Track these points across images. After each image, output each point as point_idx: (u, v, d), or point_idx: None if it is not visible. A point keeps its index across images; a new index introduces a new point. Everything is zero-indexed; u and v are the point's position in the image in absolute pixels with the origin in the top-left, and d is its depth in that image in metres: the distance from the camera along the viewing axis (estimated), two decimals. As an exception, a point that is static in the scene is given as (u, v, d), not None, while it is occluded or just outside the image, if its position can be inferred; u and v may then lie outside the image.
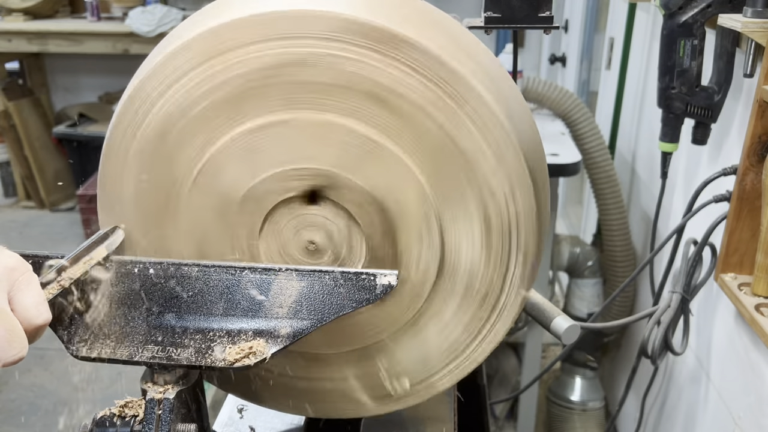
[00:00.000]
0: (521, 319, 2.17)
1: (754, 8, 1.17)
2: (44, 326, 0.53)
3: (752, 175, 1.22)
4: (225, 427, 0.90)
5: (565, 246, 2.32)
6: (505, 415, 2.53)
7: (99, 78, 4.67)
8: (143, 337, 0.63)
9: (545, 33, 1.07)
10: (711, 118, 1.42)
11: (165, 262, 0.65)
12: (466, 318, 0.73)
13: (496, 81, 0.69)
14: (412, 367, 0.76)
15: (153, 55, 0.71)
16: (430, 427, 0.90)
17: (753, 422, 1.25)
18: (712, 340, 1.49)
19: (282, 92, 0.65)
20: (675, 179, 1.79)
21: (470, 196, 0.68)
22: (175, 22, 3.79)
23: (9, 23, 4.01)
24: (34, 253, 0.61)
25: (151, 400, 0.61)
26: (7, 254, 0.53)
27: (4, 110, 4.20)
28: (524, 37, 4.32)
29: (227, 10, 0.67)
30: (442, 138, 0.66)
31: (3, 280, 0.51)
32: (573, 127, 2.25)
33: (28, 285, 0.52)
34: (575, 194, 3.63)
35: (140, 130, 0.68)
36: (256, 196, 0.68)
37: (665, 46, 1.42)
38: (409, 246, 0.70)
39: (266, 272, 0.63)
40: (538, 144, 0.74)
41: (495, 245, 0.70)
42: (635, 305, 2.21)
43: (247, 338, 0.62)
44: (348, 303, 0.62)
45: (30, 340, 0.51)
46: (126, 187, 0.70)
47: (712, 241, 1.40)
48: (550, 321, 0.85)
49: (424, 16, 0.71)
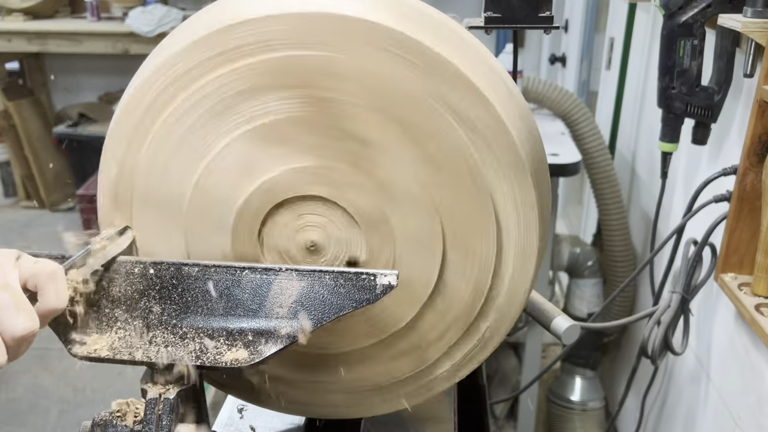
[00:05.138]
0: (521, 319, 2.17)
1: (754, 8, 1.17)
2: (59, 311, 0.56)
3: (752, 175, 1.22)
4: (225, 427, 0.90)
5: (565, 246, 2.32)
6: (505, 415, 2.53)
7: (99, 78, 4.67)
8: (143, 337, 0.63)
9: (545, 33, 1.07)
10: (711, 118, 1.42)
11: (165, 262, 0.65)
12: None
13: (496, 81, 0.70)
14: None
15: (152, 55, 0.71)
16: (430, 427, 0.90)
17: (753, 422, 1.25)
18: (712, 340, 1.49)
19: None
20: (675, 179, 1.79)
21: (471, 196, 0.67)
22: (175, 22, 3.79)
23: (9, 23, 4.01)
24: (35, 253, 0.61)
25: (151, 400, 0.61)
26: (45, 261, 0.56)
27: (4, 110, 4.20)
28: (524, 37, 4.32)
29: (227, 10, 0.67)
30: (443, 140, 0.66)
31: (26, 272, 0.54)
32: (573, 127, 2.26)
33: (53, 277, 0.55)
34: (575, 194, 3.63)
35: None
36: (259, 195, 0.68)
37: (665, 46, 1.42)
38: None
39: (266, 272, 0.63)
40: (539, 144, 0.75)
41: (495, 245, 0.70)
42: (635, 305, 2.21)
43: (247, 338, 0.62)
44: (348, 303, 0.62)
45: (42, 322, 0.54)
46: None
47: (712, 241, 1.40)
48: (550, 321, 0.85)
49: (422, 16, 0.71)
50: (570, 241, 2.35)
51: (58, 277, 0.55)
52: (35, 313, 0.52)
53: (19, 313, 0.50)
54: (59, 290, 0.55)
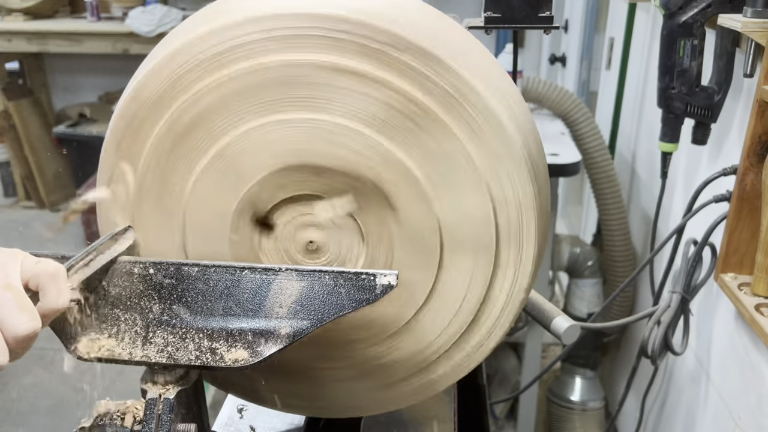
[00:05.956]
0: (521, 319, 2.17)
1: (754, 8, 1.17)
2: (60, 311, 0.56)
3: (752, 175, 1.22)
4: (225, 427, 0.90)
5: (565, 246, 2.32)
6: (505, 415, 2.53)
7: (99, 78, 4.67)
8: (143, 337, 0.63)
9: (545, 33, 1.07)
10: (711, 118, 1.42)
11: (165, 262, 0.65)
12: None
13: (498, 83, 0.69)
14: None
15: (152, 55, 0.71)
16: (430, 427, 0.90)
17: (753, 422, 1.25)
18: (712, 340, 1.49)
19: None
20: (675, 179, 1.79)
21: (472, 196, 0.67)
22: (175, 22, 3.79)
23: (9, 23, 4.01)
24: (36, 253, 0.61)
25: (151, 400, 0.61)
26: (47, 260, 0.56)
27: (4, 110, 4.20)
28: (524, 37, 4.32)
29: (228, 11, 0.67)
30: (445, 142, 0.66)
31: (28, 272, 0.54)
32: (573, 127, 2.25)
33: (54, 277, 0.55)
34: (575, 194, 3.63)
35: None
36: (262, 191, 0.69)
37: (665, 46, 1.42)
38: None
39: (266, 272, 0.63)
40: (539, 145, 0.74)
41: (495, 245, 0.70)
42: (635, 305, 2.21)
43: (247, 338, 0.62)
44: (348, 303, 0.62)
45: (43, 321, 0.53)
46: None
47: (712, 241, 1.40)
48: (550, 321, 0.85)
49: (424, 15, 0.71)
50: (570, 241, 2.35)
51: (59, 277, 0.55)
52: (37, 313, 0.52)
53: (21, 313, 0.50)
54: (61, 290, 0.55)
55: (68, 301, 0.57)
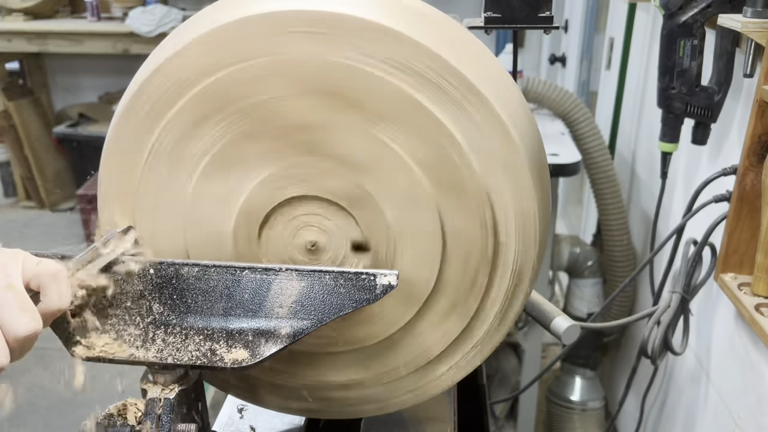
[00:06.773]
0: (521, 319, 2.17)
1: (754, 8, 1.17)
2: (61, 311, 0.56)
3: (752, 175, 1.22)
4: (225, 427, 0.90)
5: (565, 246, 2.32)
6: (505, 415, 2.53)
7: (99, 78, 4.67)
8: (143, 337, 0.63)
9: (545, 33, 1.07)
10: (711, 118, 1.42)
11: (165, 262, 0.65)
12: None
13: (498, 85, 0.69)
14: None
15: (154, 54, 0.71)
16: (430, 427, 0.90)
17: (753, 422, 1.25)
18: (712, 340, 1.49)
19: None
20: (675, 179, 1.79)
21: (473, 196, 0.67)
22: (176, 23, 3.79)
23: (9, 23, 4.01)
24: (37, 253, 0.61)
25: (151, 400, 0.61)
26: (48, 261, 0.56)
27: (4, 110, 4.20)
28: (524, 37, 4.32)
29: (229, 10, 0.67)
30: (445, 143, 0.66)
31: (29, 272, 0.54)
32: (573, 127, 2.25)
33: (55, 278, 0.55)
34: (575, 194, 3.63)
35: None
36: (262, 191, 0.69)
37: (665, 46, 1.42)
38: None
39: (266, 272, 0.64)
40: (539, 145, 0.74)
41: (495, 246, 0.70)
42: (635, 305, 2.21)
43: (247, 338, 0.62)
44: (348, 303, 0.62)
45: (44, 322, 0.54)
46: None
47: (712, 241, 1.40)
48: (550, 321, 0.85)
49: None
50: (570, 241, 2.35)
51: (60, 277, 0.55)
52: (38, 314, 0.52)
53: (22, 313, 0.50)
54: (62, 291, 0.55)
55: (69, 301, 0.57)
